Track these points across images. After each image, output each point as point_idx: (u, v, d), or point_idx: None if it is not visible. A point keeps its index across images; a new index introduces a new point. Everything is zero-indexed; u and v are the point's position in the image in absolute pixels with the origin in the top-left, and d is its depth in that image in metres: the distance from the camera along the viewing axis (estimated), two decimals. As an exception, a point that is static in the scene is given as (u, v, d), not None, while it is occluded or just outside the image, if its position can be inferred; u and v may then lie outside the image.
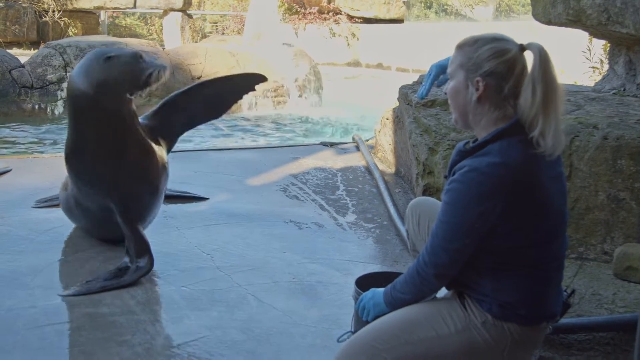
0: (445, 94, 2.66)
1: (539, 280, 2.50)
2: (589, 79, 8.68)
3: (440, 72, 2.96)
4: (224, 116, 12.84)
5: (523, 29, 18.26)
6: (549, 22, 5.74)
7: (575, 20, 5.31)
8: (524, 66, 2.49)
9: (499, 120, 2.49)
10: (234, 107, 13.37)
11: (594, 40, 7.83)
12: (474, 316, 2.51)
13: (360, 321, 2.80)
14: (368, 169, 7.08)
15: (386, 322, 2.61)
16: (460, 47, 2.59)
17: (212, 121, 5.57)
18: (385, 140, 7.39)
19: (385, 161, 7.38)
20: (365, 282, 3.16)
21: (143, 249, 4.52)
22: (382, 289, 2.74)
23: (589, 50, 8.47)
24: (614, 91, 5.53)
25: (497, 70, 2.47)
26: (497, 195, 2.37)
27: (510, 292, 2.47)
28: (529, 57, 2.50)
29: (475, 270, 2.51)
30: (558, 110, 2.44)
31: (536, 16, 5.92)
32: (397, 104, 7.06)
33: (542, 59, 2.42)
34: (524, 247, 2.46)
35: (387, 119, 7.39)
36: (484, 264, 2.49)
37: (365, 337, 2.60)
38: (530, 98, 2.40)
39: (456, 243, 2.44)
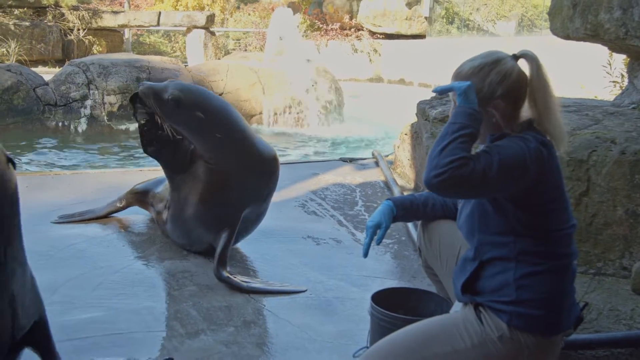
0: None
1: (560, 280, 2.53)
2: (609, 93, 8.62)
3: (375, 230, 3.19)
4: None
5: (545, 44, 18.21)
6: (567, 37, 5.72)
7: (593, 35, 5.28)
8: (525, 74, 2.65)
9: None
10: (254, 122, 13.45)
11: (615, 54, 7.78)
12: (491, 330, 2.52)
13: (376, 337, 2.81)
14: (387, 185, 7.08)
15: (403, 335, 2.62)
16: (466, 76, 2.67)
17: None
18: (404, 156, 7.39)
19: (404, 176, 7.38)
20: (382, 298, 3.17)
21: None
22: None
23: (610, 64, 8.42)
24: (633, 105, 5.48)
25: (511, 89, 2.60)
26: (539, 155, 2.48)
27: (531, 290, 2.50)
28: (522, 63, 2.68)
29: (501, 265, 2.55)
30: (558, 109, 2.63)
31: (554, 31, 5.90)
32: (415, 119, 7.07)
33: (538, 67, 2.61)
34: (549, 230, 2.53)
35: (405, 134, 7.40)
36: (511, 252, 2.53)
37: (382, 349, 2.62)
38: (534, 104, 2.59)
39: (491, 172, 2.40)
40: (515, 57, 2.66)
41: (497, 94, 2.58)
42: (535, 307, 2.48)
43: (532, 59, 2.62)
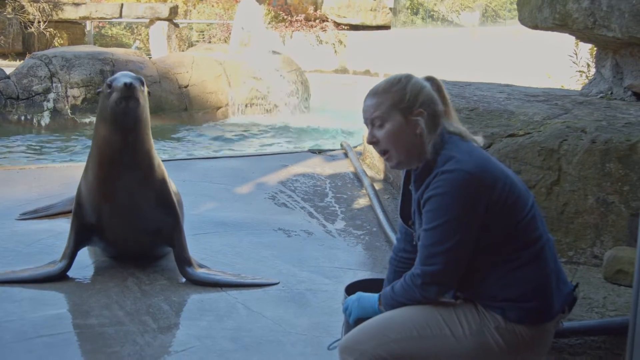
0: (373, 142, 2.69)
1: (538, 267, 2.53)
2: (576, 82, 8.70)
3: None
4: (211, 124, 12.92)
5: (509, 34, 18.34)
6: (535, 27, 5.74)
7: (561, 25, 5.31)
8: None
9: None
10: (220, 115, 13.40)
11: (581, 44, 7.85)
12: (487, 321, 2.53)
13: (350, 329, 2.78)
14: (357, 176, 7.07)
15: (400, 314, 2.62)
16: (383, 91, 2.66)
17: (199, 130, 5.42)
18: (374, 147, 7.37)
19: (374, 167, 7.37)
20: (355, 289, 3.14)
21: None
22: (368, 294, 2.79)
23: (576, 54, 8.49)
24: (601, 95, 5.53)
25: (428, 99, 2.63)
26: (475, 183, 2.45)
27: (516, 287, 2.50)
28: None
29: (476, 273, 2.54)
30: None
31: (522, 20, 5.92)
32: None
33: (440, 87, 2.70)
34: (511, 229, 2.51)
35: (375, 125, 7.37)
36: (483, 263, 2.53)
37: (377, 324, 2.62)
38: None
39: (447, 243, 2.46)
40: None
41: (419, 101, 2.60)
42: (524, 300, 2.49)
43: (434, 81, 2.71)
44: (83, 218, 4.55)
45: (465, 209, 2.44)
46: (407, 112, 2.59)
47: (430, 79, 2.69)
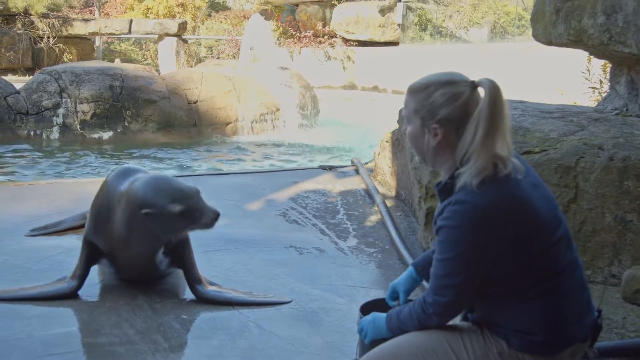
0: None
1: (550, 302, 2.44)
2: (588, 99, 8.65)
3: (392, 291, 3.01)
4: (221, 139, 12.91)
5: (518, 51, 18.33)
6: (549, 43, 5.70)
7: (576, 41, 5.27)
8: (476, 103, 2.44)
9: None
10: (229, 131, 13.37)
11: (593, 60, 7.80)
12: (491, 344, 2.49)
13: (365, 349, 2.74)
14: (368, 193, 7.01)
15: (406, 341, 2.57)
16: (413, 91, 2.56)
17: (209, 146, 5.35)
18: (385, 163, 7.33)
19: (385, 184, 7.32)
20: (370, 309, 3.09)
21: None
22: (383, 314, 2.73)
23: (588, 70, 8.44)
24: (616, 111, 5.47)
25: (453, 115, 2.45)
26: (487, 219, 2.36)
27: (522, 320, 2.44)
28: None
29: (484, 300, 2.50)
30: (496, 144, 2.39)
31: (536, 37, 5.88)
32: (396, 126, 7.01)
33: (492, 96, 2.38)
34: (526, 264, 2.42)
35: (386, 141, 7.34)
36: (490, 292, 2.47)
37: (384, 354, 2.56)
38: (472, 136, 2.38)
39: (458, 277, 2.42)
40: (474, 85, 2.46)
41: (437, 117, 2.45)
42: (532, 334, 2.42)
43: (487, 86, 2.40)
44: (95, 241, 4.49)
45: (475, 245, 2.38)
46: (424, 122, 2.50)
47: (481, 86, 2.43)
